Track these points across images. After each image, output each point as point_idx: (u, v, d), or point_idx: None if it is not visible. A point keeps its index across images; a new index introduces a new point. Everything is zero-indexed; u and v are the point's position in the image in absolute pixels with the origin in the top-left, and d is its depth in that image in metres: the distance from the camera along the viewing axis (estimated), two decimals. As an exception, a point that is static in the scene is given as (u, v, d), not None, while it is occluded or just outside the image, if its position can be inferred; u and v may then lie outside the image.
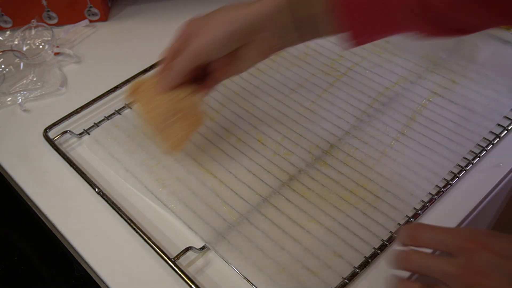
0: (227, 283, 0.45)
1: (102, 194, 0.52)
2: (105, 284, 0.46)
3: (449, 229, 0.38)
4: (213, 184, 0.53)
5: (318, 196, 0.51)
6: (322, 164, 0.54)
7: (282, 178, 0.53)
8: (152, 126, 0.52)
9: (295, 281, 0.44)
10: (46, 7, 0.74)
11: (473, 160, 0.53)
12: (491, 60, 0.64)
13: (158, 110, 0.51)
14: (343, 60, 0.67)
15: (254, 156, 0.55)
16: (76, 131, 0.60)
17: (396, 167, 0.53)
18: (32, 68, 0.68)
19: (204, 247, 0.48)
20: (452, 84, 0.62)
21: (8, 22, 0.75)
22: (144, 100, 0.52)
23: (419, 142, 0.55)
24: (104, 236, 0.50)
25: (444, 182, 0.51)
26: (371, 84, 0.63)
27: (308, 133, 0.58)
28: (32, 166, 0.57)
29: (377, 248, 0.46)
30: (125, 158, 0.56)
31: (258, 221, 0.49)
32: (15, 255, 0.54)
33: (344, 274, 0.44)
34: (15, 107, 0.65)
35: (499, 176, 0.52)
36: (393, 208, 0.49)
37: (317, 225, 0.48)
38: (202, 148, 0.57)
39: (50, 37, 0.72)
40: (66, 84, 0.68)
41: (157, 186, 0.53)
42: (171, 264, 0.46)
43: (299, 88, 0.64)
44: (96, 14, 0.77)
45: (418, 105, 0.60)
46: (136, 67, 0.67)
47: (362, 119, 0.59)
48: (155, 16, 0.80)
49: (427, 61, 0.65)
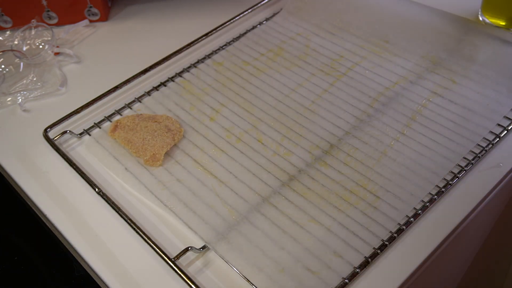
0: (227, 283, 0.45)
1: (102, 194, 0.52)
2: (105, 284, 0.46)
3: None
4: (213, 184, 0.53)
5: (318, 196, 0.51)
6: (322, 164, 0.54)
7: (282, 178, 0.53)
8: (132, 149, 0.56)
9: (295, 281, 0.44)
10: (46, 7, 0.75)
11: (473, 160, 0.53)
12: (491, 60, 0.64)
13: (136, 135, 0.57)
14: (343, 60, 0.67)
15: (254, 156, 0.55)
16: (76, 131, 0.60)
17: (396, 167, 0.53)
18: (32, 68, 0.68)
19: (204, 247, 0.48)
20: (452, 84, 0.62)
21: (8, 22, 0.75)
22: (122, 136, 0.57)
23: (419, 142, 0.55)
24: (104, 236, 0.50)
25: (444, 182, 0.51)
26: (371, 84, 0.63)
27: (308, 133, 0.58)
28: (32, 166, 0.57)
29: (377, 248, 0.46)
30: (125, 158, 0.56)
31: (258, 221, 0.49)
32: (15, 255, 0.54)
33: (344, 274, 0.44)
34: (15, 107, 0.65)
35: (499, 176, 0.52)
36: (393, 208, 0.49)
37: (317, 225, 0.48)
38: (202, 148, 0.57)
39: (50, 37, 0.72)
40: (66, 84, 0.68)
41: (157, 186, 0.53)
42: (171, 264, 0.46)
43: (299, 88, 0.64)
44: (96, 14, 0.77)
45: (418, 105, 0.60)
46: (136, 67, 0.67)
47: (362, 119, 0.59)
48: (155, 16, 0.80)
49: (427, 61, 0.65)
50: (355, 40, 0.70)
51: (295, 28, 0.73)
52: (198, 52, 0.71)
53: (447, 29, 0.69)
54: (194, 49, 0.71)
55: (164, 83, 0.66)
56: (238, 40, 0.72)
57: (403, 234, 0.47)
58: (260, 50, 0.70)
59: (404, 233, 0.47)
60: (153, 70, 0.67)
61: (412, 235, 0.47)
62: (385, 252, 0.46)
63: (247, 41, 0.71)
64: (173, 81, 0.66)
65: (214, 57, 0.69)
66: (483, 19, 0.70)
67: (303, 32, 0.72)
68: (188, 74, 0.67)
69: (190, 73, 0.67)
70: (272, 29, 0.73)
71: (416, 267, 0.45)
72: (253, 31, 0.73)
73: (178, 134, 0.57)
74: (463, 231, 0.50)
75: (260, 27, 0.74)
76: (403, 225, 0.47)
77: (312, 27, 0.73)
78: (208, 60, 0.69)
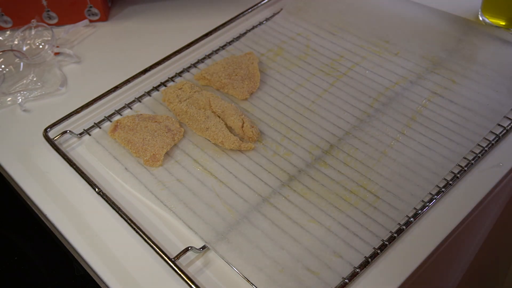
0: (227, 283, 0.45)
1: (102, 194, 0.52)
2: (105, 284, 0.46)
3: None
4: (213, 184, 0.53)
5: (318, 196, 0.51)
6: (322, 164, 0.54)
7: (282, 178, 0.53)
8: (132, 149, 0.56)
9: (295, 281, 0.44)
10: (46, 7, 0.75)
11: (473, 160, 0.53)
12: (491, 60, 0.64)
13: (136, 135, 0.56)
14: (343, 60, 0.67)
15: (254, 156, 0.56)
16: (76, 131, 0.60)
17: (396, 167, 0.53)
18: (32, 68, 0.68)
19: (204, 247, 0.48)
20: (452, 84, 0.62)
21: (8, 22, 0.75)
22: (122, 136, 0.57)
23: (419, 142, 0.55)
24: (104, 236, 0.50)
25: (444, 182, 0.51)
26: (371, 84, 0.63)
27: (308, 133, 0.58)
28: (32, 166, 0.57)
29: (377, 248, 0.46)
30: (125, 158, 0.56)
31: (258, 221, 0.49)
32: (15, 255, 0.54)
33: (344, 274, 0.44)
34: (15, 107, 0.65)
35: (499, 176, 0.52)
36: (393, 208, 0.49)
37: (317, 225, 0.48)
38: (202, 148, 0.57)
39: (50, 37, 0.72)
40: (66, 84, 0.68)
41: (157, 186, 0.53)
42: (171, 264, 0.46)
43: (299, 88, 0.64)
44: (96, 14, 0.77)
45: (418, 105, 0.60)
46: (136, 67, 0.67)
47: (362, 119, 0.59)
48: (155, 16, 0.80)
49: (427, 61, 0.65)
50: (355, 40, 0.70)
51: (295, 28, 0.73)
52: (198, 52, 0.71)
53: (447, 29, 0.69)
54: (194, 49, 0.71)
55: (164, 83, 0.66)
56: (238, 40, 0.72)
57: (403, 234, 0.47)
58: (260, 50, 0.70)
59: (404, 233, 0.47)
60: (153, 70, 0.67)
61: (412, 235, 0.47)
62: (385, 252, 0.46)
63: (247, 41, 0.71)
64: (173, 81, 0.66)
65: (214, 57, 0.69)
66: (483, 19, 0.70)
67: (303, 32, 0.72)
68: (188, 74, 0.67)
69: (190, 73, 0.67)
70: (272, 29, 0.73)
71: (416, 267, 0.45)
72: (253, 31, 0.73)
73: (178, 134, 0.57)
74: (463, 231, 0.50)
75: (260, 27, 0.74)
76: (403, 225, 0.47)
77: (312, 27, 0.73)
78: (208, 60, 0.69)
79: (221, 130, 0.56)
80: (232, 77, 0.63)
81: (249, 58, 0.66)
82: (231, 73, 0.63)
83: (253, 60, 0.65)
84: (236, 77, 0.63)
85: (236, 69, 0.63)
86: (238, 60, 0.65)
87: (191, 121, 0.58)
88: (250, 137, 0.56)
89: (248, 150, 0.56)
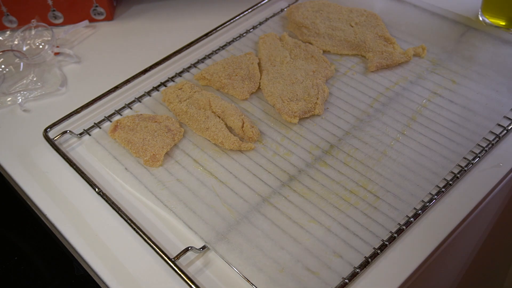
0: (227, 283, 0.45)
1: (102, 194, 0.52)
2: (105, 284, 0.46)
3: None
4: (213, 184, 0.53)
5: (318, 196, 0.51)
6: (322, 164, 0.54)
7: (282, 178, 0.53)
8: (132, 149, 0.56)
9: (295, 281, 0.44)
10: (51, 7, 0.74)
11: (473, 160, 0.53)
12: (491, 60, 0.64)
13: (136, 135, 0.56)
14: (343, 60, 0.67)
15: (254, 156, 0.56)
16: (76, 131, 0.60)
17: (396, 167, 0.53)
18: (32, 68, 0.68)
19: (204, 247, 0.48)
20: (452, 84, 0.62)
21: (14, 22, 0.75)
22: (122, 136, 0.57)
23: (419, 142, 0.55)
24: (104, 236, 0.50)
25: (444, 182, 0.51)
26: (371, 84, 0.63)
27: (308, 133, 0.58)
28: (32, 166, 0.57)
29: (377, 248, 0.46)
30: (125, 158, 0.56)
31: (258, 221, 0.49)
32: (15, 255, 0.54)
33: (344, 274, 0.44)
34: (15, 107, 0.65)
35: (499, 176, 0.52)
36: (393, 208, 0.49)
37: (317, 225, 0.48)
38: (202, 148, 0.57)
39: (50, 37, 0.72)
40: (66, 84, 0.68)
41: (157, 186, 0.53)
42: (171, 264, 0.46)
43: (299, 88, 0.64)
44: (102, 13, 0.77)
45: (418, 105, 0.60)
46: (136, 67, 0.67)
47: (362, 119, 0.59)
48: (155, 16, 0.80)
49: (427, 61, 0.65)
50: (355, 40, 0.70)
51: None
52: (198, 52, 0.71)
53: (447, 29, 0.69)
54: (194, 49, 0.71)
55: (164, 83, 0.66)
56: (238, 40, 0.72)
57: (403, 234, 0.47)
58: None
59: (404, 233, 0.47)
60: (153, 70, 0.67)
61: (412, 235, 0.47)
62: (385, 252, 0.46)
63: (247, 41, 0.71)
64: (173, 81, 0.66)
65: (214, 57, 0.69)
66: (483, 19, 0.70)
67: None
68: (188, 74, 0.67)
69: (190, 73, 0.67)
70: (272, 29, 0.73)
71: (416, 267, 0.45)
72: (253, 31, 0.73)
73: (178, 134, 0.57)
74: (463, 231, 0.50)
75: (260, 27, 0.74)
76: (403, 225, 0.47)
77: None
78: (208, 60, 0.69)
79: (221, 130, 0.56)
80: (232, 77, 0.63)
81: (249, 58, 0.66)
82: (231, 73, 0.63)
83: (253, 60, 0.65)
84: (236, 77, 0.63)
85: (236, 69, 0.64)
86: (238, 60, 0.65)
87: (191, 121, 0.58)
88: (250, 137, 0.56)
89: (248, 150, 0.56)
